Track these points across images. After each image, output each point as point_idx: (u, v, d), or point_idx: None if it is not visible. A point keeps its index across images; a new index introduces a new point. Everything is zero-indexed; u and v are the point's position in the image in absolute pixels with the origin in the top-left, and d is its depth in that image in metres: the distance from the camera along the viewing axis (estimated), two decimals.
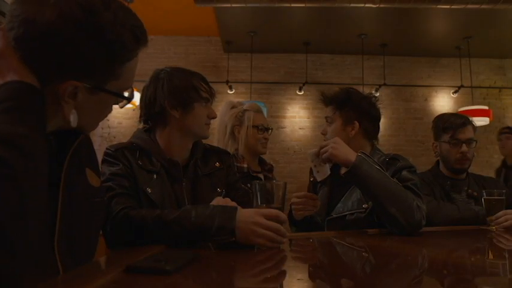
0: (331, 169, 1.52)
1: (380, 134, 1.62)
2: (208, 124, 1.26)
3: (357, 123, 1.52)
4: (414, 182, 1.37)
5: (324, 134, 1.60)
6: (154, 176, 1.14)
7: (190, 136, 1.24)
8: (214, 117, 1.28)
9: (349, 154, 1.33)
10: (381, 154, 1.53)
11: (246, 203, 1.12)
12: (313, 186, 1.66)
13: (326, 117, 1.60)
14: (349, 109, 1.53)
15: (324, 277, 0.78)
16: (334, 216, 1.47)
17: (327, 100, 1.60)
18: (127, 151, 1.15)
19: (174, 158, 1.20)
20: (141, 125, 1.28)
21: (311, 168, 1.51)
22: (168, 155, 1.19)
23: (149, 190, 1.10)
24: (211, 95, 1.25)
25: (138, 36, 0.70)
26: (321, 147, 1.39)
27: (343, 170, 1.55)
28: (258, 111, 2.00)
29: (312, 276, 0.79)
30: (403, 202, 1.26)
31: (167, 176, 1.17)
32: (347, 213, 1.44)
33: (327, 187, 1.59)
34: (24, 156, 0.52)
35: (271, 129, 2.06)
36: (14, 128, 0.55)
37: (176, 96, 1.18)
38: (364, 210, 1.41)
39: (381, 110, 1.61)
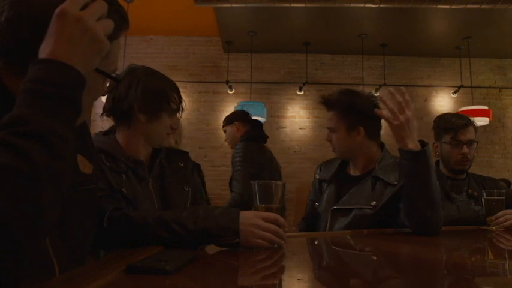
0: (338, 168, 1.55)
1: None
2: (168, 134, 1.25)
3: (361, 129, 1.48)
4: None
5: (329, 140, 1.55)
6: (123, 176, 1.12)
7: (148, 141, 1.23)
8: (176, 128, 1.27)
9: (414, 139, 1.30)
10: (391, 156, 1.50)
11: None
12: (319, 184, 1.65)
13: (328, 127, 1.53)
14: (353, 114, 1.48)
15: (324, 277, 0.78)
16: (340, 207, 1.44)
17: (329, 104, 1.53)
18: None
19: (138, 157, 1.19)
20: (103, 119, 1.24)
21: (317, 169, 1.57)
22: (131, 155, 1.18)
23: (124, 190, 1.09)
24: (180, 108, 1.24)
25: (123, 16, 0.70)
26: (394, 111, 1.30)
27: (353, 171, 1.54)
28: None
29: (312, 276, 0.79)
30: (439, 206, 1.25)
31: (134, 176, 1.16)
32: (355, 207, 1.41)
33: (333, 186, 1.56)
34: (53, 157, 0.51)
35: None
36: (54, 124, 0.53)
37: (147, 101, 1.16)
38: (371, 207, 1.39)
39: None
